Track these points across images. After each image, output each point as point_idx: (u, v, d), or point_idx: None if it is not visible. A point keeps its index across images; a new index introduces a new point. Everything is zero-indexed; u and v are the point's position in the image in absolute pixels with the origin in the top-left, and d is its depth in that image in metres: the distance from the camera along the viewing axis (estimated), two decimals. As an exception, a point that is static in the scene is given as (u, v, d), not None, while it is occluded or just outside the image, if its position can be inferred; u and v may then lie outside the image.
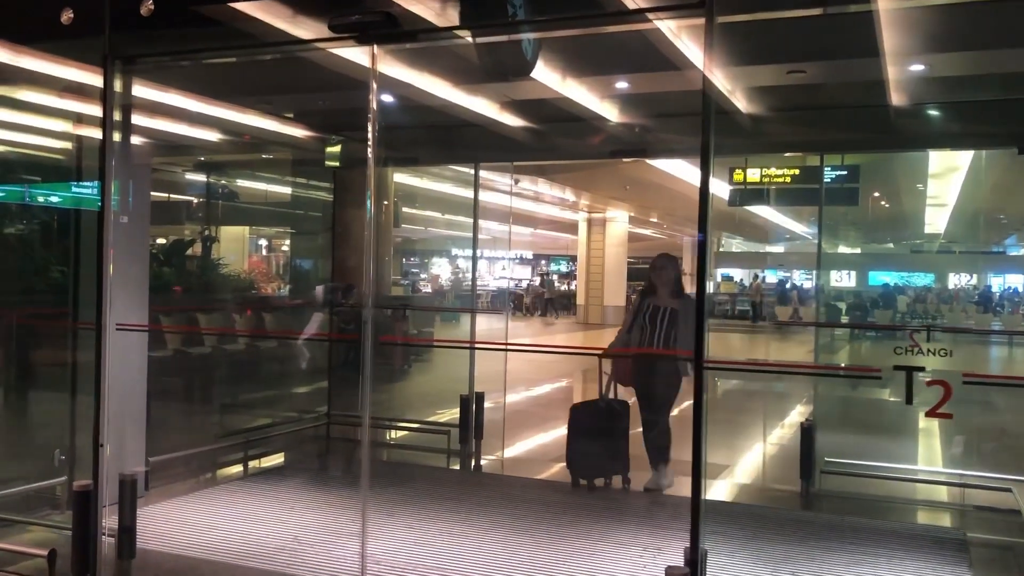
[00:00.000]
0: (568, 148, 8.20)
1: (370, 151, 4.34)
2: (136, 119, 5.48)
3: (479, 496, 6.01)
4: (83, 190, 5.81)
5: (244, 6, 4.41)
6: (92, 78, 4.66)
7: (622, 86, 6.61)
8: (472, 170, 7.99)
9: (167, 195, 11.68)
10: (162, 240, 11.23)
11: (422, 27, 4.02)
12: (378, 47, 4.23)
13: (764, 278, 29.51)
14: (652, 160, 13.45)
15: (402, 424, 8.45)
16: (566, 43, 5.27)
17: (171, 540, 4.90)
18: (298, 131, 8.04)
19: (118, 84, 4.56)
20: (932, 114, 6.57)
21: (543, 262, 42.31)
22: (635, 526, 5.32)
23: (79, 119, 5.90)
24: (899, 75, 5.55)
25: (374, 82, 4.31)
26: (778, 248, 34.87)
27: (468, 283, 31.88)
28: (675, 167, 15.36)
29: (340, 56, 5.09)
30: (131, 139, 5.39)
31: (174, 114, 7.23)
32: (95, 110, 4.59)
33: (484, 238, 8.03)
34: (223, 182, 11.41)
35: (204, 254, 10.96)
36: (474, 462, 7.49)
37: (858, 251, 32.59)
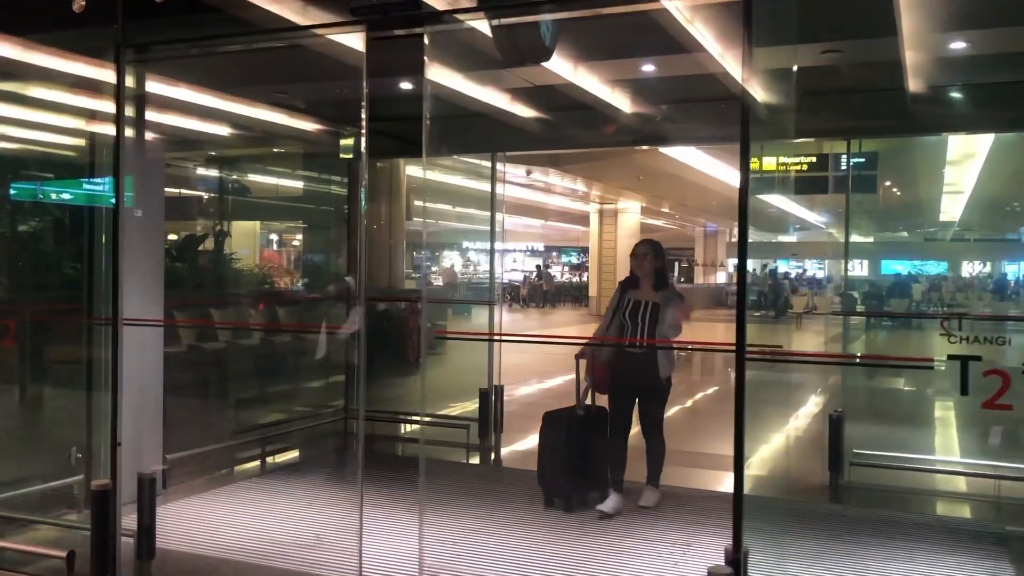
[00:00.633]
0: (587, 137, 8.02)
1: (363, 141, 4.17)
2: (149, 115, 5.41)
3: (499, 491, 5.91)
4: (95, 187, 5.72)
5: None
6: (104, 74, 4.58)
7: (648, 69, 6.43)
8: (489, 163, 7.79)
9: (178, 191, 11.59)
10: (173, 236, 11.13)
11: (445, 9, 3.89)
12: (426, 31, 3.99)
13: (776, 268, 29.28)
14: (666, 148, 13.25)
15: (419, 420, 8.32)
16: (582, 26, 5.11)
17: (191, 539, 4.81)
18: (309, 124, 7.94)
19: (130, 76, 4.48)
20: (956, 96, 6.38)
21: (553, 254, 42.18)
22: (665, 521, 5.21)
23: (92, 115, 5.82)
24: (937, 54, 5.35)
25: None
26: (791, 238, 34.70)
27: (479, 276, 31.79)
28: (689, 155, 15.15)
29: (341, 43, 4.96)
30: (145, 134, 5.32)
31: (188, 110, 7.15)
32: (107, 106, 4.50)
33: (498, 230, 7.87)
34: (234, 177, 11.31)
35: (216, 249, 10.86)
36: (493, 456, 7.39)
37: (871, 240, 32.35)
